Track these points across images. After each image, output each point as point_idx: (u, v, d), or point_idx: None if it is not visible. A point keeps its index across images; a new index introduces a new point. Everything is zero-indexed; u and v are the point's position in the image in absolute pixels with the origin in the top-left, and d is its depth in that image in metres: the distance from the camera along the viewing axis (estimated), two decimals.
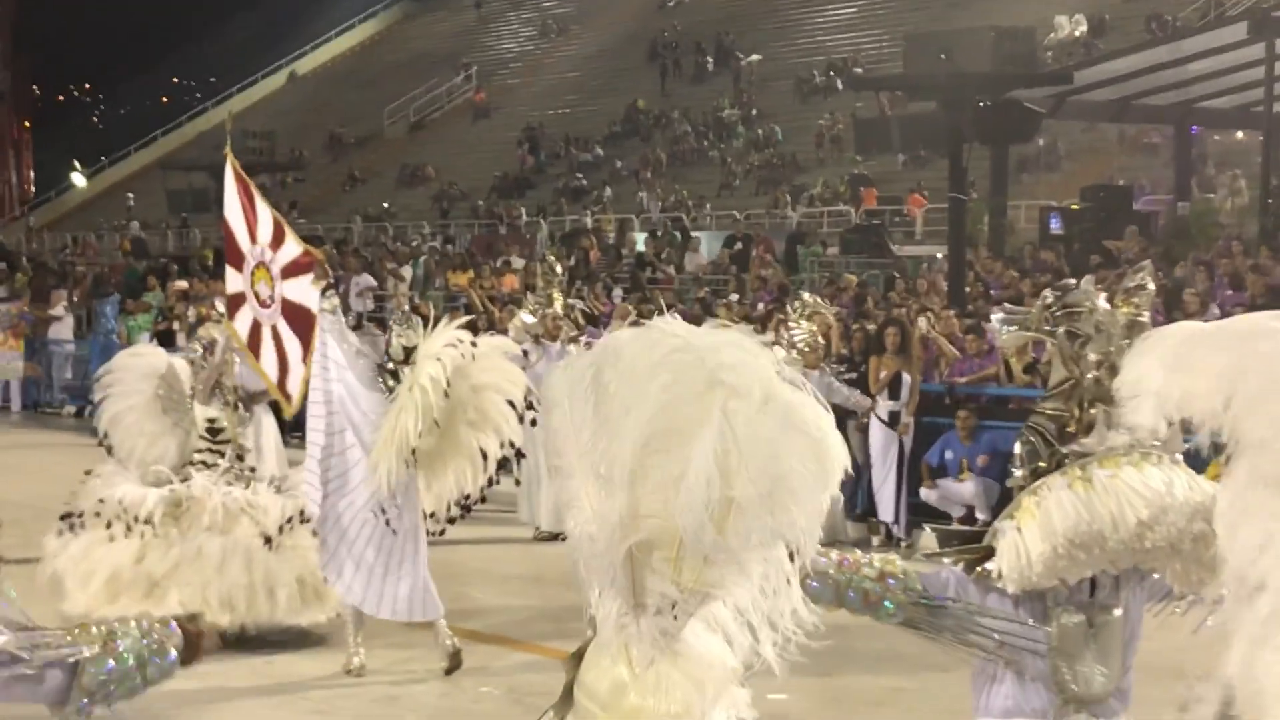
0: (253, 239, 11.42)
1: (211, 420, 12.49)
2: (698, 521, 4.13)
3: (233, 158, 11.88)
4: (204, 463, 12.42)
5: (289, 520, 11.96)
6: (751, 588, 4.33)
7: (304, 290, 11.04)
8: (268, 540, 11.86)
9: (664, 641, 4.33)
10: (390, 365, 11.51)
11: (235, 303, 11.69)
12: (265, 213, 11.42)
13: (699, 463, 4.12)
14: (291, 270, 11.12)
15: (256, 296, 11.35)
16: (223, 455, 12.49)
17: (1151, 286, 6.10)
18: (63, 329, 29.44)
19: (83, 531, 12.04)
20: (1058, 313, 5.98)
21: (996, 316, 6.08)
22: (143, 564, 11.81)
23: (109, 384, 12.75)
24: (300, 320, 11.05)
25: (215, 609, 11.59)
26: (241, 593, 11.69)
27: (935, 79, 21.90)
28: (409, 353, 11.20)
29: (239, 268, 11.55)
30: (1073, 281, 6.08)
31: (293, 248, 11.16)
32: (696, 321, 4.54)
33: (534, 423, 10.83)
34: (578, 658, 4.52)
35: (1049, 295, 6.06)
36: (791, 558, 4.44)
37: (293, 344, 11.13)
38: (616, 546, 4.29)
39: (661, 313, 4.52)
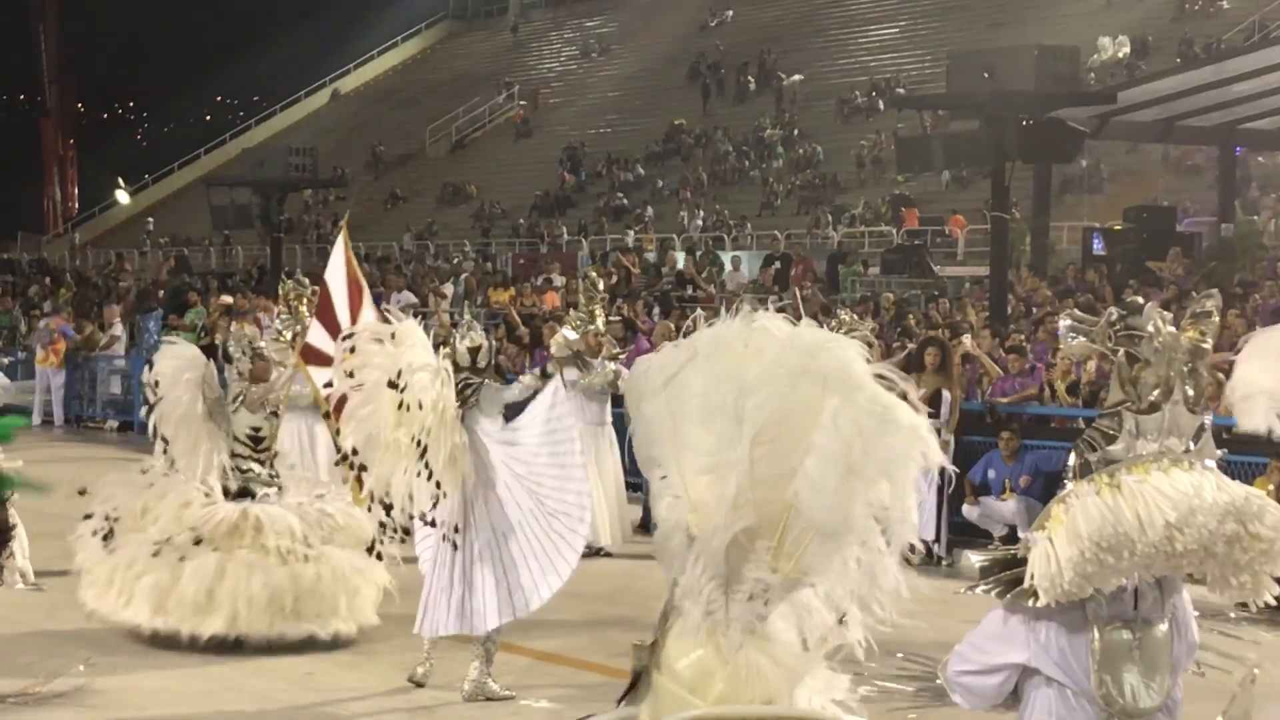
0: (353, 320, 11.70)
1: (256, 429, 12.59)
2: (824, 504, 4.26)
3: (346, 233, 12.29)
4: (244, 470, 12.57)
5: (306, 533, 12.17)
6: (845, 574, 4.42)
7: None
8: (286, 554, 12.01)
9: (754, 627, 4.38)
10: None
11: (319, 358, 11.90)
12: (370, 310, 11.81)
13: (827, 448, 4.27)
14: None
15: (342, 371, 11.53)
16: (262, 463, 12.65)
17: (1216, 316, 6.08)
18: (115, 345, 29.59)
19: (123, 537, 12.20)
20: (1120, 333, 5.95)
21: (1064, 324, 6.04)
22: (183, 581, 11.91)
23: (160, 387, 12.85)
24: None
25: (226, 621, 11.75)
26: (260, 602, 11.81)
27: (978, 97, 21.81)
28: (474, 354, 11.18)
29: (332, 334, 11.75)
30: (1140, 300, 6.03)
31: None
32: None
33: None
34: (652, 647, 4.52)
35: (1113, 313, 6.03)
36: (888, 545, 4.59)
37: None
38: (724, 532, 4.34)
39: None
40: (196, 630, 11.85)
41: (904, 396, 4.55)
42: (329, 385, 11.44)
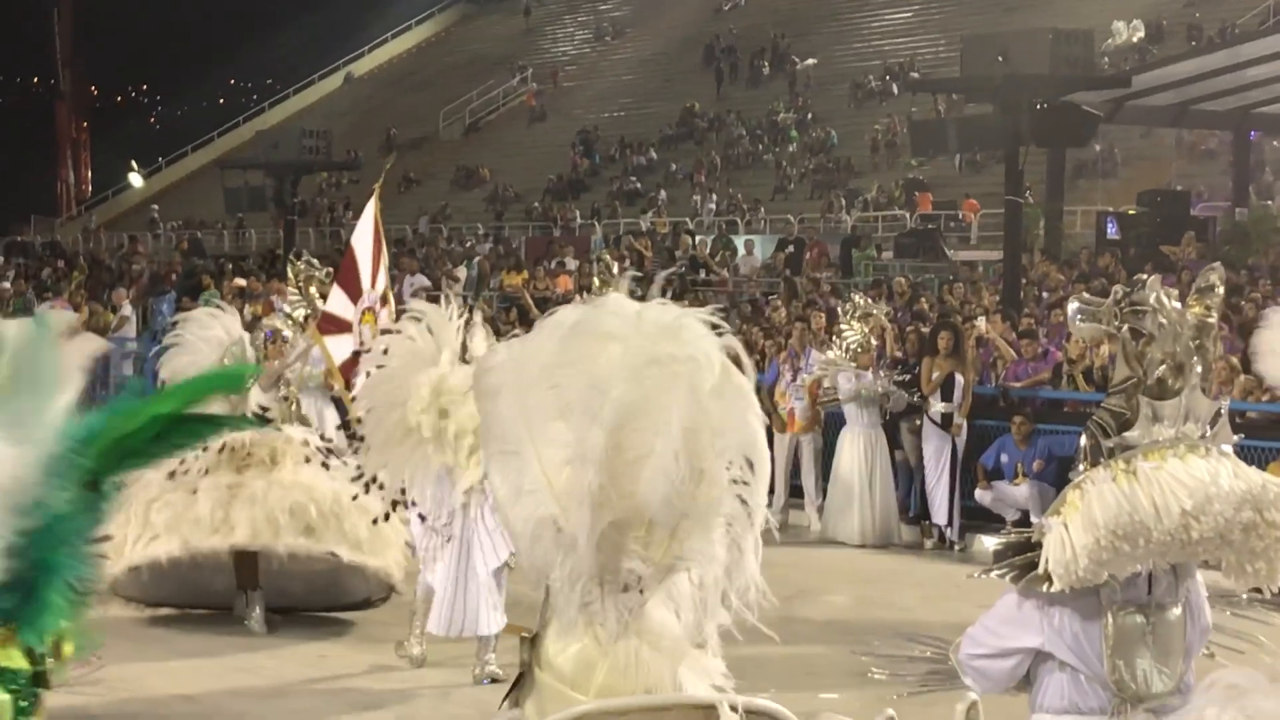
0: (373, 284, 11.70)
1: (264, 408, 12.56)
2: (666, 493, 4.21)
3: (378, 198, 12.19)
4: None
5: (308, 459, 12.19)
6: (715, 559, 4.37)
7: None
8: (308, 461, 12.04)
9: (630, 617, 4.36)
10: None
11: (337, 325, 11.89)
12: (384, 275, 11.79)
13: (667, 438, 4.21)
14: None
15: (360, 335, 11.58)
16: None
17: (1221, 289, 6.06)
18: (126, 327, 29.64)
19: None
20: (1125, 309, 5.94)
21: (1073, 306, 6.02)
22: (198, 506, 11.92)
23: (178, 334, 12.88)
24: None
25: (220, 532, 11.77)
26: (260, 518, 11.84)
27: (992, 81, 21.76)
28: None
29: (353, 298, 11.74)
30: (1144, 278, 6.03)
31: (388, 316, 11.55)
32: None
33: None
34: (533, 641, 4.51)
35: (1119, 291, 6.02)
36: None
37: None
38: (591, 530, 4.30)
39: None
40: (215, 547, 11.83)
41: (736, 360, 4.51)
42: (354, 354, 11.48)
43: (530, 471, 4.46)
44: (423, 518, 10.84)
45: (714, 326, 4.56)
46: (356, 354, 11.61)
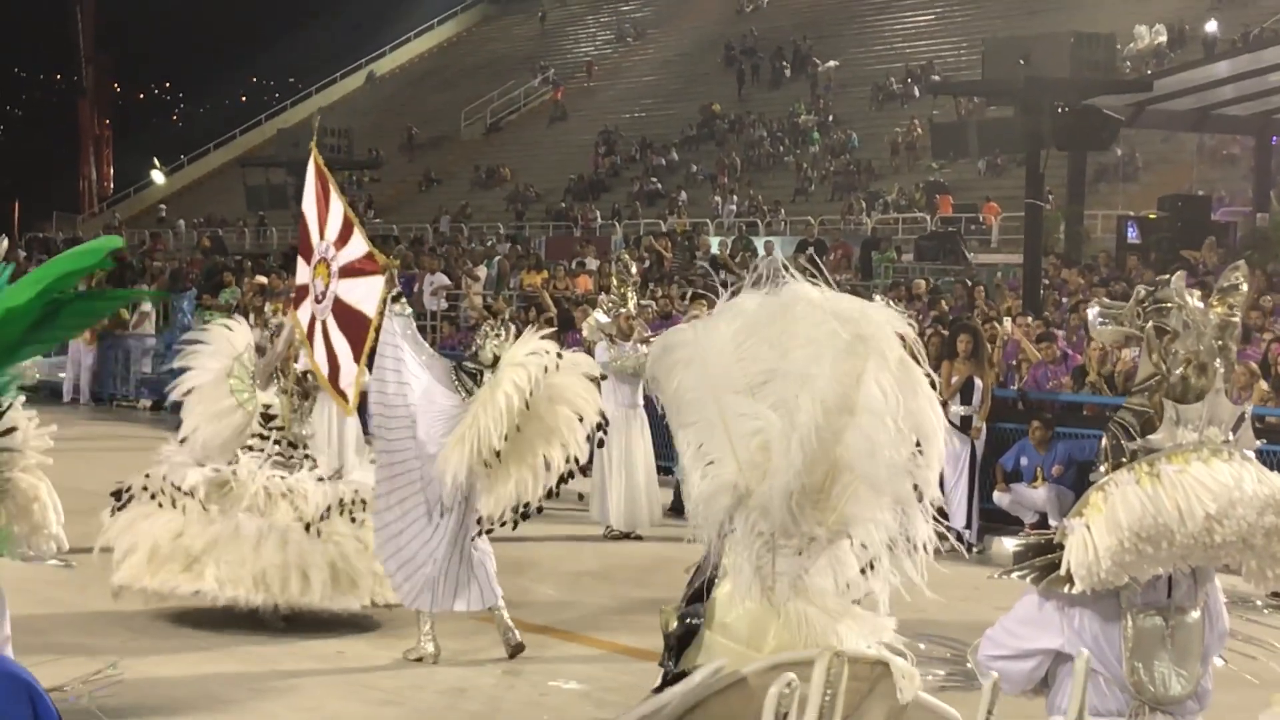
0: (321, 234, 11.42)
1: (267, 406, 12.53)
2: (873, 450, 4.55)
3: (317, 152, 11.86)
4: (250, 447, 12.51)
5: (328, 509, 12.06)
6: (882, 524, 4.68)
7: (360, 292, 11.05)
8: (306, 526, 11.94)
9: (799, 580, 4.61)
10: (471, 368, 11.52)
11: (300, 294, 11.73)
12: (338, 209, 11.38)
13: (874, 408, 4.57)
14: (349, 271, 11.12)
15: (314, 290, 11.38)
16: (266, 437, 12.54)
17: (1245, 287, 6.06)
18: (145, 324, 29.73)
19: (132, 505, 12.19)
20: (1148, 307, 5.94)
21: (1093, 311, 6.04)
22: (181, 539, 11.90)
23: (190, 355, 12.87)
24: (352, 322, 11.05)
25: (249, 587, 11.68)
26: (276, 573, 11.75)
27: (1014, 84, 21.79)
28: (499, 360, 11.23)
29: (308, 260, 11.58)
30: (1167, 277, 6.05)
31: (357, 248, 11.15)
32: None
33: (600, 443, 11.37)
34: (692, 598, 4.77)
35: (1142, 290, 6.03)
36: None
37: (342, 344, 11.14)
38: (787, 490, 4.56)
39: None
40: (262, 601, 11.85)
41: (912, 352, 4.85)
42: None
43: (716, 440, 4.74)
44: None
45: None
46: (313, 317, 11.43)
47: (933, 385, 14.51)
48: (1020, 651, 5.85)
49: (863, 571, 4.81)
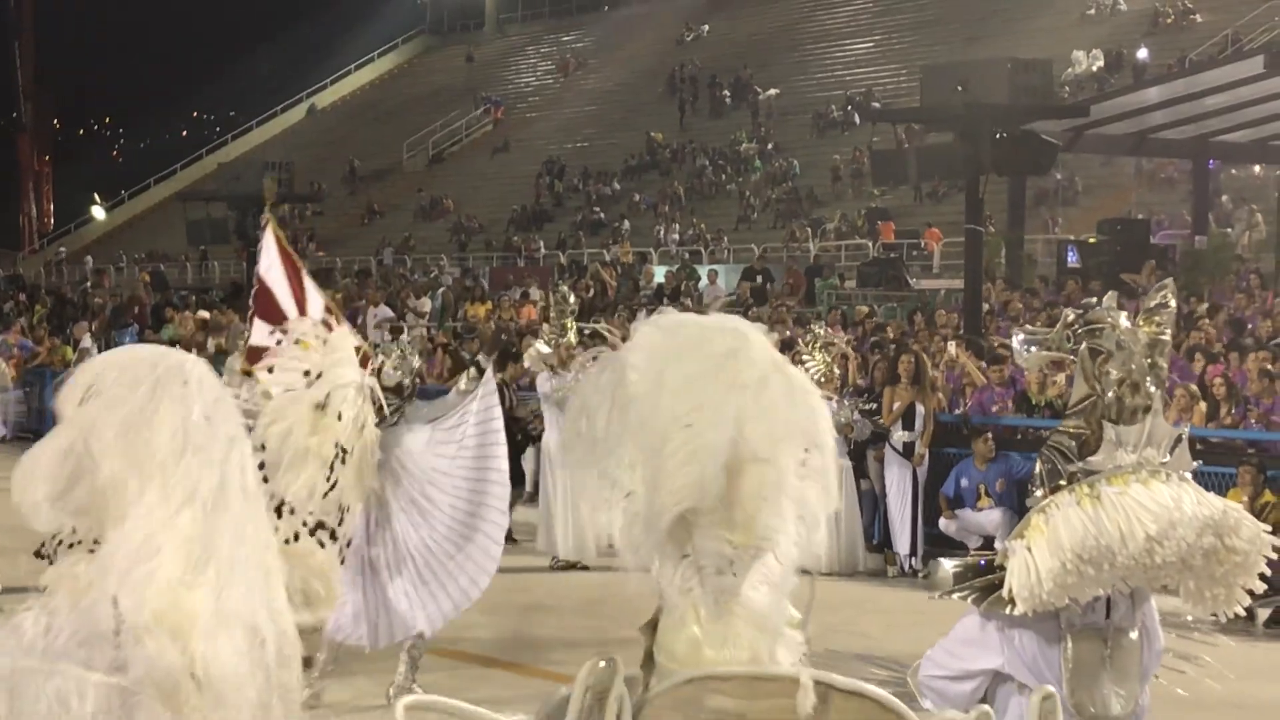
0: (301, 312, 11.39)
1: None
2: (712, 473, 4.42)
3: (274, 222, 11.85)
4: None
5: (294, 535, 12.02)
6: (788, 534, 4.59)
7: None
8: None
9: (725, 598, 4.59)
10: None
11: (254, 356, 11.70)
12: (316, 297, 11.41)
13: (721, 425, 4.44)
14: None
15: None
16: None
17: (1173, 304, 6.14)
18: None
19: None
20: (1079, 330, 6.01)
21: (1018, 339, 6.09)
22: None
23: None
24: None
25: None
26: None
27: (952, 110, 21.90)
28: (399, 385, 11.27)
29: (271, 323, 11.54)
30: (1093, 300, 6.11)
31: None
32: None
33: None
34: (652, 626, 4.71)
35: (1070, 314, 6.09)
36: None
37: None
38: (663, 517, 4.54)
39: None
40: None
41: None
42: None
43: (621, 477, 4.72)
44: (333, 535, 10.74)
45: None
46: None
47: (879, 412, 14.50)
48: (961, 673, 5.90)
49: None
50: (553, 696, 4.57)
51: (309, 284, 11.36)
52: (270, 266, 11.61)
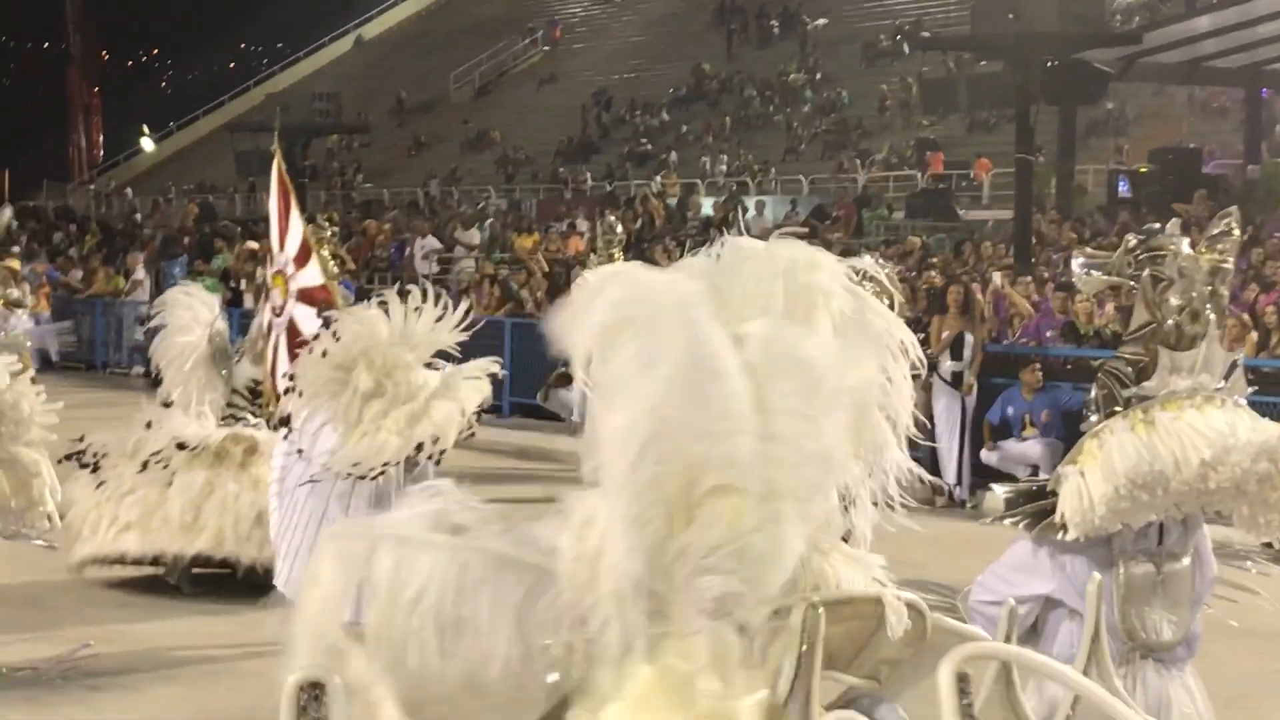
0: (281, 245, 11.17)
1: (257, 381, 12.31)
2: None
3: (280, 157, 11.58)
4: (234, 417, 12.47)
5: None
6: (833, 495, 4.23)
7: (308, 318, 10.79)
8: None
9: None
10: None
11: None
12: (298, 229, 11.12)
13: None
14: (307, 297, 10.84)
15: (273, 300, 11.10)
16: (257, 414, 12.40)
17: (1237, 232, 6.06)
18: (139, 291, 29.69)
19: (112, 470, 12.13)
20: (1141, 255, 5.94)
21: (1077, 261, 5.99)
22: (170, 498, 11.87)
23: (165, 317, 12.79)
24: (296, 344, 10.76)
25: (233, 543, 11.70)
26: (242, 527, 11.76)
27: (1003, 39, 21.73)
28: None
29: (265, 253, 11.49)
30: (1157, 226, 6.03)
31: (313, 276, 10.87)
32: None
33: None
34: None
35: (1132, 239, 6.02)
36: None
37: (284, 361, 10.80)
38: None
39: None
40: (182, 550, 11.77)
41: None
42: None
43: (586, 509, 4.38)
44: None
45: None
46: (271, 325, 11.14)
47: (926, 343, 14.36)
48: (1012, 597, 5.88)
49: (845, 509, 4.39)
50: None
51: (294, 215, 11.15)
52: (271, 198, 11.55)
